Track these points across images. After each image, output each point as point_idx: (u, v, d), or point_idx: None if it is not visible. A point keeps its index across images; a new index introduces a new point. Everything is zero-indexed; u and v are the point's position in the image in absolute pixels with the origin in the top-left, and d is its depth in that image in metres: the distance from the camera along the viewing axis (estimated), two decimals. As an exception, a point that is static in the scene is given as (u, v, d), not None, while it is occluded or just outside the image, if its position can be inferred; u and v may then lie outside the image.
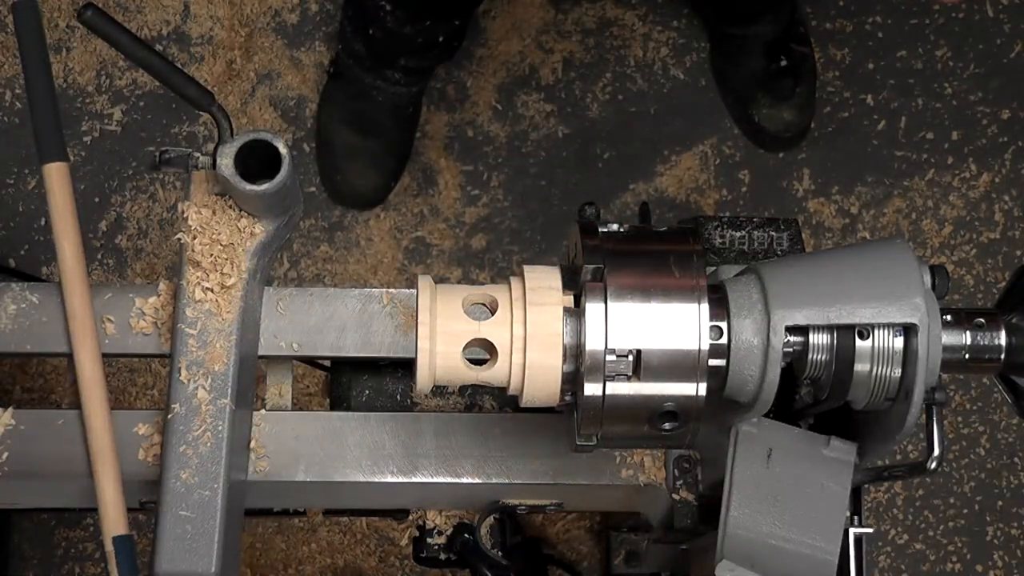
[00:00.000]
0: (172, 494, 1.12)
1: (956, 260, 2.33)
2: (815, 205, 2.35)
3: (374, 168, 2.29)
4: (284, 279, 2.29)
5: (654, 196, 2.33)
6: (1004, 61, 2.42)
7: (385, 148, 2.29)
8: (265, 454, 1.23)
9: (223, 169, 1.11)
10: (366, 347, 1.24)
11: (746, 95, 2.33)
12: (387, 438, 1.25)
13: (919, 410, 1.01)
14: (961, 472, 2.26)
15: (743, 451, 1.08)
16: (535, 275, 1.03)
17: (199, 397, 1.14)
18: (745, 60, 2.32)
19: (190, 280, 1.16)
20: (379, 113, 2.27)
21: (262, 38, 2.38)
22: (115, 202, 2.30)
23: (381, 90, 2.24)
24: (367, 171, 2.28)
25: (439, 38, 2.17)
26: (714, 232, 1.27)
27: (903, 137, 2.38)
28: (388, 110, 2.27)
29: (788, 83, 2.31)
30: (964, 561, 2.24)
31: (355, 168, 2.29)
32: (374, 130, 2.27)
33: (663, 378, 0.99)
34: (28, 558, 2.18)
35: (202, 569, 1.11)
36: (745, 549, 1.07)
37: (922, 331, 0.99)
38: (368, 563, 2.20)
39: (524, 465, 1.25)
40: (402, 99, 2.27)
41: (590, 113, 2.37)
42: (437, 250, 2.32)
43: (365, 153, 2.28)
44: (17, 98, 2.34)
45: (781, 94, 2.30)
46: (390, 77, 2.23)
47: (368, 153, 2.27)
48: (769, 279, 1.01)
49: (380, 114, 2.27)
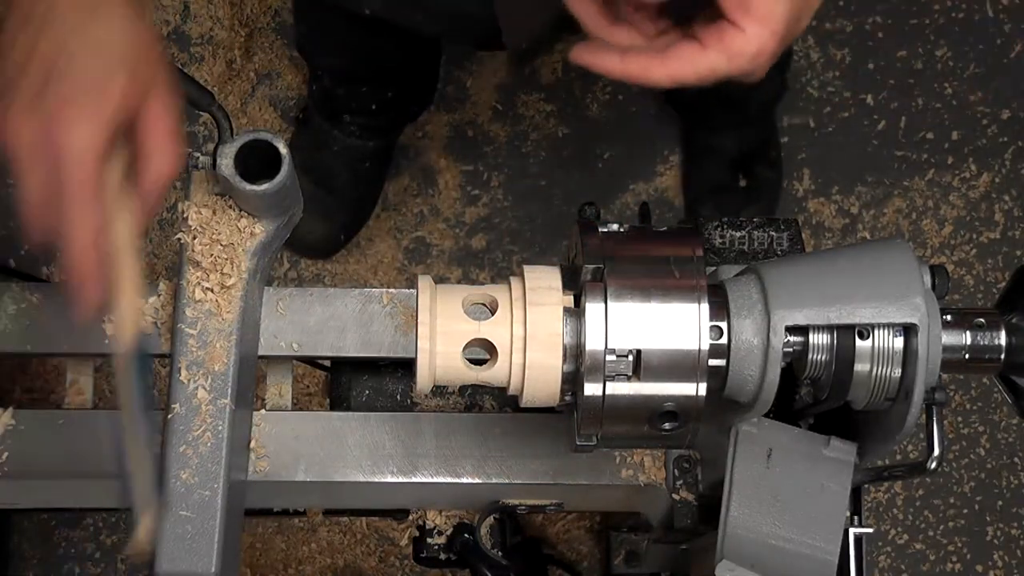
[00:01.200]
0: (172, 494, 1.12)
1: (956, 260, 2.33)
2: (815, 205, 2.35)
3: (323, 220, 2.23)
4: (284, 279, 2.29)
5: (654, 196, 2.33)
6: (1004, 61, 2.42)
7: (338, 202, 2.24)
8: (265, 454, 1.23)
9: (223, 169, 1.11)
10: (366, 347, 1.24)
11: (697, 198, 2.31)
12: (387, 438, 1.25)
13: (919, 410, 1.01)
14: (961, 472, 2.26)
15: (743, 451, 1.09)
16: (535, 275, 1.03)
17: (199, 397, 1.14)
18: (707, 166, 2.30)
19: (190, 280, 1.16)
20: (335, 164, 2.22)
21: (262, 38, 2.38)
22: (115, 202, 2.30)
23: (337, 140, 2.20)
24: (315, 222, 2.20)
25: (384, 101, 2.14)
26: (714, 232, 1.27)
27: (903, 137, 2.38)
28: (344, 162, 2.22)
29: (738, 201, 2.27)
30: (964, 561, 2.24)
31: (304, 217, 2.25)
32: (326, 182, 2.22)
33: (663, 378, 0.99)
34: (28, 558, 2.18)
35: (202, 569, 1.10)
36: (745, 549, 1.07)
37: (922, 331, 0.99)
38: (368, 563, 2.20)
39: (524, 465, 1.25)
40: (359, 152, 2.22)
41: (590, 113, 2.37)
42: (437, 250, 2.32)
43: (315, 203, 2.17)
44: (17, 98, 2.33)
45: (727, 209, 2.26)
46: (344, 130, 2.19)
47: (319, 203, 2.19)
48: (769, 279, 1.01)
49: (336, 165, 2.22)
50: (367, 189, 2.28)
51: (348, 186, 2.24)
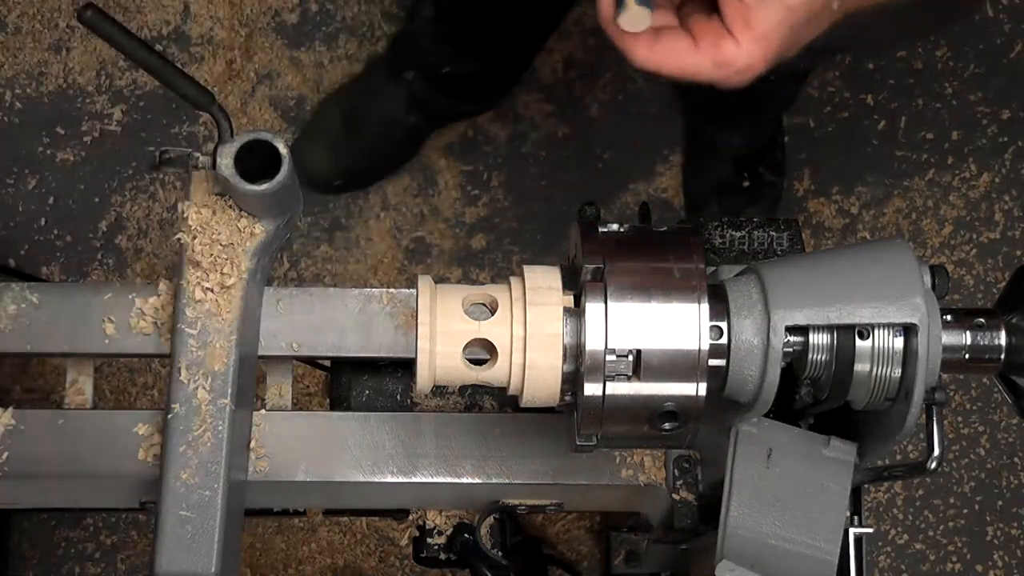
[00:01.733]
0: (172, 494, 1.12)
1: (956, 260, 2.33)
2: (815, 205, 2.35)
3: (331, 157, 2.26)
4: (284, 279, 2.29)
5: (654, 196, 2.33)
6: (1004, 61, 2.42)
7: (353, 150, 2.27)
8: (265, 454, 1.23)
9: (223, 169, 1.11)
10: (366, 347, 1.24)
11: (701, 199, 2.31)
12: (387, 438, 1.25)
13: (919, 410, 1.01)
14: (961, 472, 2.27)
15: (743, 451, 1.08)
16: (535, 275, 1.03)
17: (199, 397, 1.14)
18: (712, 164, 2.30)
19: (190, 280, 1.16)
20: (370, 116, 2.25)
21: (262, 38, 2.38)
22: (115, 202, 2.30)
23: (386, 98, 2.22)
24: (323, 154, 2.25)
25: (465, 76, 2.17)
26: (714, 232, 1.27)
27: (903, 137, 2.38)
28: (379, 120, 2.24)
29: (740, 201, 2.28)
30: (964, 561, 2.24)
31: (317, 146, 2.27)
32: (355, 127, 2.25)
33: (663, 378, 0.99)
34: (28, 558, 2.18)
35: (202, 569, 1.10)
36: (745, 549, 1.07)
37: (922, 331, 0.99)
38: (368, 563, 2.20)
39: (524, 465, 1.25)
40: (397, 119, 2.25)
41: (590, 113, 2.37)
42: (437, 250, 2.32)
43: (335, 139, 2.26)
44: (17, 98, 2.34)
45: (730, 209, 2.27)
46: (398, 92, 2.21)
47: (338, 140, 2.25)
48: (769, 279, 1.01)
49: (371, 118, 2.25)
50: (385, 159, 2.30)
51: (370, 141, 2.26)
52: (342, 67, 2.37)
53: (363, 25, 2.39)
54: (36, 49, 2.35)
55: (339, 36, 2.39)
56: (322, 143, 2.26)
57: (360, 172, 2.30)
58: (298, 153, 2.23)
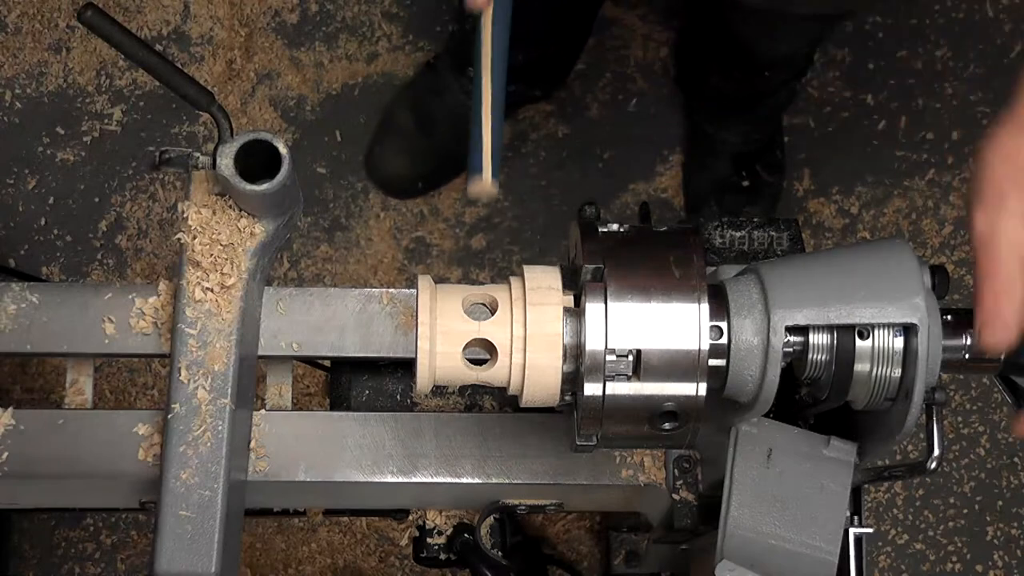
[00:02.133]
0: (172, 494, 1.12)
1: (956, 260, 2.33)
2: (815, 205, 2.35)
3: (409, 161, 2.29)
4: (284, 279, 2.29)
5: (654, 196, 2.33)
6: (1004, 61, 2.41)
7: (430, 150, 2.29)
8: (265, 454, 1.23)
9: (223, 169, 1.11)
10: (366, 347, 1.24)
11: (700, 197, 2.31)
12: (387, 438, 1.25)
13: (919, 410, 1.01)
14: (961, 472, 2.26)
15: (743, 451, 1.09)
16: (535, 275, 1.03)
17: (199, 397, 1.14)
18: (710, 162, 2.30)
19: (190, 280, 1.16)
20: (439, 114, 2.26)
21: (262, 38, 2.38)
22: (115, 202, 2.30)
23: (453, 93, 2.23)
24: (401, 160, 2.29)
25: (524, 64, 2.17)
26: (714, 232, 1.27)
27: (903, 137, 2.38)
28: (447, 116, 2.25)
29: (739, 200, 2.28)
30: (964, 561, 2.24)
31: (394, 152, 2.30)
32: (426, 127, 2.27)
33: (663, 378, 0.99)
34: (28, 558, 2.18)
35: (202, 569, 1.11)
36: (745, 549, 1.07)
37: (922, 331, 0.99)
38: (368, 563, 2.20)
39: (524, 465, 1.25)
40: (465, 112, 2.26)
41: (590, 113, 2.37)
42: (437, 250, 2.32)
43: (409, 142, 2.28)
44: (17, 98, 2.34)
45: (729, 208, 2.27)
46: (464, 86, 2.21)
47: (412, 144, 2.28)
48: (769, 279, 1.01)
49: (440, 116, 2.26)
50: (456, 157, 2.29)
51: (444, 139, 2.27)
52: (342, 67, 2.37)
53: (363, 25, 2.39)
54: (36, 49, 2.35)
55: (339, 36, 2.39)
56: (398, 148, 2.29)
57: (434, 172, 2.32)
58: (378, 162, 2.30)
